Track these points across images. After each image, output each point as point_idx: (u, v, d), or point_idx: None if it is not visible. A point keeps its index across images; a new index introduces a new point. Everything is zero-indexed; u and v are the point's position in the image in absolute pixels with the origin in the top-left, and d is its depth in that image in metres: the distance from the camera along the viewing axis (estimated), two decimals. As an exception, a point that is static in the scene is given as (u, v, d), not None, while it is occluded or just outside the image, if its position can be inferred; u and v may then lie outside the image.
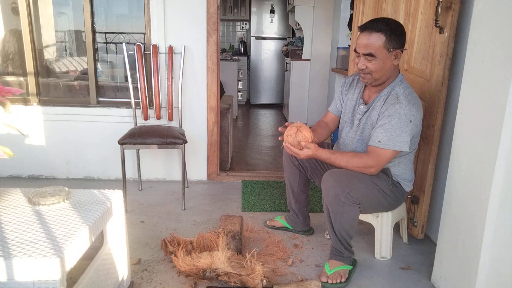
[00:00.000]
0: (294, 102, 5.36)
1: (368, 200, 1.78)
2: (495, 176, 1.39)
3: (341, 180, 1.71)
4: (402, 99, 1.71)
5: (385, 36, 1.68)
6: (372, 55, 1.70)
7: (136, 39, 3.07)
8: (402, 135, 1.69)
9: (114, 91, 3.20)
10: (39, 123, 2.97)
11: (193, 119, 3.00)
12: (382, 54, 1.70)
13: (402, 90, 1.75)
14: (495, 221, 1.42)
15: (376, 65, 1.71)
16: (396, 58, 1.74)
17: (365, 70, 1.75)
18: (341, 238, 1.79)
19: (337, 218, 1.74)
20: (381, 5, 2.56)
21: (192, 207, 2.61)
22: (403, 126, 1.68)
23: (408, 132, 1.69)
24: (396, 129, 1.68)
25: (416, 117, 1.71)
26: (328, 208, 1.74)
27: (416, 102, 1.74)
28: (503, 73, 1.36)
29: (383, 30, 1.68)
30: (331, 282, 1.76)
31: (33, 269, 1.03)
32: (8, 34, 3.03)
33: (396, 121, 1.68)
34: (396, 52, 1.72)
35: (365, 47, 1.71)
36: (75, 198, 1.44)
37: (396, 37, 1.70)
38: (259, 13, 6.92)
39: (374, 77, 1.76)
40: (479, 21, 1.52)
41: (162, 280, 1.79)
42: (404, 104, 1.69)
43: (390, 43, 1.69)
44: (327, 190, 1.73)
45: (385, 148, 1.70)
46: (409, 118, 1.68)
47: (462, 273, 1.58)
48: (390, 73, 1.77)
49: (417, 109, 1.72)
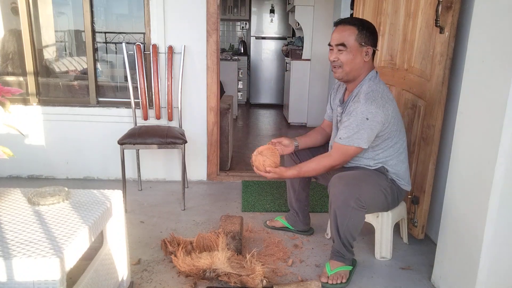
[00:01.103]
0: (294, 102, 5.36)
1: (374, 202, 1.80)
2: (495, 176, 1.39)
3: (350, 184, 1.72)
4: (361, 97, 1.75)
5: (358, 30, 1.76)
6: (344, 45, 1.77)
7: (136, 39, 3.07)
8: (359, 133, 1.73)
9: (113, 91, 3.20)
10: (39, 123, 2.96)
11: (193, 119, 3.00)
12: (354, 46, 1.77)
13: (365, 88, 1.78)
14: (495, 221, 1.42)
15: (347, 56, 1.77)
16: (367, 54, 1.79)
17: (337, 63, 1.80)
18: (345, 241, 1.79)
19: (344, 222, 1.74)
20: (381, 5, 2.56)
21: (192, 207, 2.61)
22: (359, 124, 1.72)
23: (365, 129, 1.72)
24: (354, 126, 1.73)
25: (374, 114, 1.71)
26: (336, 212, 1.74)
27: (375, 99, 1.73)
28: (503, 73, 1.36)
29: (356, 25, 1.78)
30: (331, 282, 1.76)
31: (33, 269, 1.03)
32: (8, 34, 3.03)
33: (353, 119, 1.74)
34: (367, 49, 1.79)
35: (338, 38, 1.79)
36: (75, 198, 1.44)
37: (368, 34, 1.78)
38: (259, 13, 6.92)
39: (345, 70, 1.80)
40: (479, 21, 1.52)
41: (162, 280, 1.79)
42: (361, 103, 1.73)
43: (362, 37, 1.77)
44: (336, 195, 1.73)
45: (345, 144, 1.76)
46: (365, 116, 1.71)
47: (462, 273, 1.58)
48: (360, 69, 1.81)
49: (376, 106, 1.71)
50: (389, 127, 1.79)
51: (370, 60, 1.82)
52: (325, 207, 2.62)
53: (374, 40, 1.82)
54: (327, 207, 2.57)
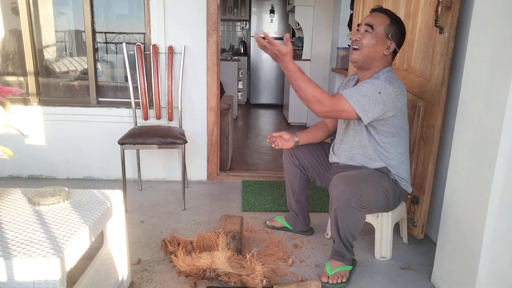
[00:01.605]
0: (294, 102, 5.35)
1: (375, 202, 1.80)
2: (495, 176, 1.39)
3: (351, 184, 1.71)
4: (382, 77, 1.75)
5: (390, 21, 1.76)
6: (371, 27, 1.76)
7: (136, 39, 3.07)
8: (364, 97, 1.68)
9: (114, 91, 3.20)
10: (39, 123, 2.97)
11: (193, 119, 3.00)
12: (380, 33, 1.76)
13: (386, 74, 1.78)
14: (495, 221, 1.42)
15: (370, 40, 1.76)
16: (389, 49, 1.78)
17: (357, 43, 1.78)
18: (346, 241, 1.79)
19: (345, 222, 1.74)
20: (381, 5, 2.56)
21: (192, 207, 2.61)
22: (369, 91, 1.69)
23: (373, 100, 1.68)
24: (362, 90, 1.70)
25: (388, 93, 1.69)
26: (337, 212, 1.74)
27: (394, 83, 1.74)
28: (503, 73, 1.36)
29: (391, 16, 1.78)
30: (331, 282, 1.76)
31: (33, 269, 1.03)
32: (8, 34, 3.03)
33: (366, 85, 1.71)
34: (391, 43, 1.77)
35: (369, 20, 1.78)
36: (75, 198, 1.44)
37: (398, 30, 1.78)
38: (259, 13, 6.92)
39: (363, 52, 1.78)
40: (479, 21, 1.52)
41: (162, 280, 1.79)
42: (380, 80, 1.73)
43: (391, 30, 1.76)
44: (337, 196, 1.72)
45: (345, 98, 1.69)
46: (379, 89, 1.69)
47: (462, 273, 1.58)
48: (377, 60, 1.79)
49: (393, 88, 1.71)
50: (395, 120, 1.77)
51: (390, 56, 1.81)
52: (325, 207, 2.62)
53: (401, 40, 1.81)
54: (327, 207, 2.57)
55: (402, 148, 1.86)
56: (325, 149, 2.13)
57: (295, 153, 2.12)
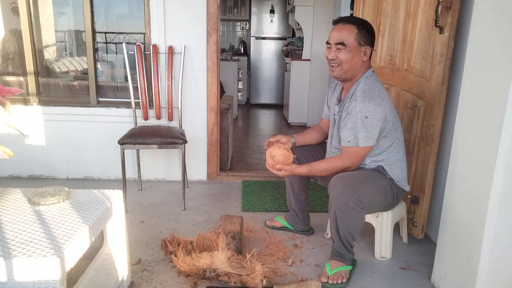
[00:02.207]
0: (294, 102, 5.36)
1: (374, 202, 1.80)
2: (495, 176, 1.39)
3: (350, 185, 1.71)
4: (358, 95, 1.75)
5: (357, 29, 1.76)
6: (343, 44, 1.76)
7: (136, 39, 3.07)
8: (361, 132, 1.72)
9: (114, 91, 3.20)
10: (39, 123, 2.97)
11: (193, 119, 3.00)
12: (353, 45, 1.77)
13: (362, 86, 1.79)
14: (495, 221, 1.42)
15: (346, 55, 1.77)
16: (365, 54, 1.79)
17: (335, 61, 1.80)
18: (345, 241, 1.79)
19: (344, 223, 1.74)
20: (381, 5, 2.56)
21: (192, 207, 2.61)
22: (360, 123, 1.72)
23: (366, 128, 1.72)
24: (355, 127, 1.73)
25: (373, 112, 1.71)
26: (336, 213, 1.74)
27: (372, 96, 1.73)
28: (503, 73, 1.36)
29: (356, 24, 1.78)
30: (331, 282, 1.76)
31: (33, 269, 1.03)
32: (8, 34, 3.03)
33: (353, 119, 1.74)
34: (366, 48, 1.79)
35: (337, 37, 1.78)
36: (75, 198, 1.44)
37: (367, 33, 1.78)
38: (259, 13, 6.92)
39: (343, 68, 1.80)
40: (479, 21, 1.52)
41: (162, 280, 1.79)
42: (358, 101, 1.73)
43: (361, 37, 1.77)
44: (336, 196, 1.73)
45: (354, 146, 1.76)
46: (364, 114, 1.71)
47: (462, 273, 1.58)
48: (358, 68, 1.81)
49: (374, 104, 1.72)
50: (388, 126, 1.79)
51: (367, 59, 1.83)
52: (325, 207, 2.62)
53: (373, 40, 1.83)
54: (327, 207, 2.57)
55: (395, 147, 1.86)
56: (324, 148, 2.13)
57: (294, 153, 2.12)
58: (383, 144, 1.83)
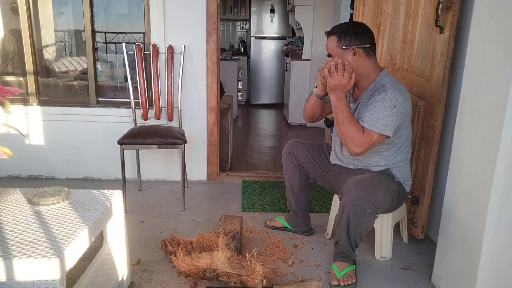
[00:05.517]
0: (294, 102, 5.35)
1: (385, 205, 1.80)
2: (495, 176, 1.39)
3: (366, 190, 1.71)
4: (388, 86, 1.75)
5: (337, 37, 1.81)
6: (330, 56, 1.83)
7: (136, 39, 3.07)
8: (384, 119, 1.69)
9: (113, 91, 3.20)
10: (39, 123, 2.96)
11: (192, 119, 3.00)
12: (338, 53, 1.80)
13: (389, 80, 1.79)
14: (495, 221, 1.42)
15: None
16: (356, 54, 1.78)
17: None
18: (353, 243, 1.80)
19: (357, 227, 1.74)
20: (381, 5, 2.56)
21: (192, 207, 2.61)
22: (386, 110, 1.70)
23: (391, 117, 1.70)
24: (379, 112, 1.70)
25: (401, 103, 1.71)
26: (350, 218, 1.73)
27: (402, 90, 1.76)
28: (503, 73, 1.36)
29: (335, 33, 1.83)
30: (343, 284, 1.76)
31: (33, 269, 1.03)
32: (8, 34, 3.03)
33: (380, 105, 1.71)
34: (352, 49, 1.78)
35: (327, 49, 1.87)
36: (75, 198, 1.44)
37: (349, 36, 1.79)
38: (259, 13, 6.91)
39: None
40: (479, 21, 1.52)
41: (162, 280, 1.79)
42: (389, 91, 1.72)
43: (342, 42, 1.79)
44: (352, 201, 1.71)
45: (371, 130, 1.70)
46: (393, 103, 1.70)
47: (462, 273, 1.58)
48: (359, 71, 1.80)
49: (403, 97, 1.73)
50: (405, 122, 1.79)
51: (367, 58, 1.80)
52: (324, 207, 2.62)
53: (360, 38, 1.78)
54: (327, 207, 2.57)
55: (405, 149, 1.86)
56: (324, 149, 2.13)
57: (294, 153, 2.12)
58: (395, 145, 1.83)
